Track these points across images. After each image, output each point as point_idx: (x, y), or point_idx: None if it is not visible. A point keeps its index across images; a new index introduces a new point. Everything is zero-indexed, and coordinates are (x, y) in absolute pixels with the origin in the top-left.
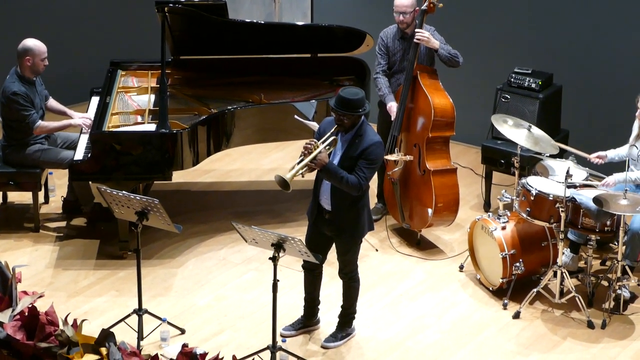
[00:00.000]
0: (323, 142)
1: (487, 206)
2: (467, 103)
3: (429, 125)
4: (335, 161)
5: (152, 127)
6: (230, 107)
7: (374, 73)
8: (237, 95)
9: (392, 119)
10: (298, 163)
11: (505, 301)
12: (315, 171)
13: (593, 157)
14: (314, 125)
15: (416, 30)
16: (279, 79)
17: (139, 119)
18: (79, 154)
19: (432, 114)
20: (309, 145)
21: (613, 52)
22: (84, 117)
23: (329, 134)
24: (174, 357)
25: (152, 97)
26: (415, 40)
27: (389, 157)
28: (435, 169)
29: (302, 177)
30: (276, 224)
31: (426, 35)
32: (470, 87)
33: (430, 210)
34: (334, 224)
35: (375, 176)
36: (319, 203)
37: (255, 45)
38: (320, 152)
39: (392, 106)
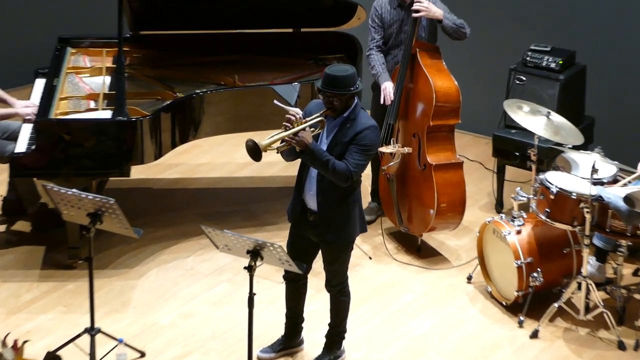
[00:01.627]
0: (309, 121)
1: (499, 206)
2: (475, 86)
3: (429, 111)
4: (324, 147)
5: (107, 114)
6: (198, 91)
7: (366, 50)
8: (206, 76)
9: (388, 102)
10: (278, 133)
11: (521, 318)
12: (298, 165)
13: None
14: (297, 112)
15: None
16: (256, 58)
17: (92, 104)
18: (21, 146)
19: (433, 99)
20: (292, 117)
21: None
22: (27, 106)
23: (316, 114)
24: None
25: (108, 79)
26: (413, 11)
27: (384, 149)
28: (438, 163)
29: (277, 152)
30: (252, 228)
31: (425, 5)
32: (479, 67)
33: (432, 212)
34: (320, 227)
35: (369, 171)
36: (303, 201)
37: (228, 19)
38: (304, 129)
39: (388, 87)
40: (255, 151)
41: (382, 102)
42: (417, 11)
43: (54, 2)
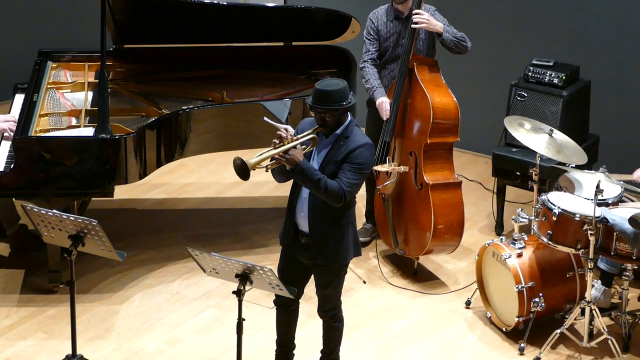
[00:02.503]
0: (300, 138)
1: (499, 228)
2: (474, 102)
3: (427, 129)
4: (315, 166)
5: (89, 131)
6: (185, 107)
7: (360, 62)
8: (194, 92)
9: (384, 118)
10: (267, 151)
11: (522, 345)
12: (290, 185)
13: (636, 176)
14: (288, 129)
15: (413, 12)
16: (245, 73)
17: (74, 121)
18: None
19: (431, 116)
20: (283, 134)
21: None
22: (6, 120)
23: (308, 131)
24: None
25: (90, 94)
26: (412, 24)
27: (379, 167)
28: (435, 183)
29: (266, 171)
30: (241, 250)
31: (425, 17)
32: (479, 83)
33: (429, 233)
34: (312, 250)
35: (363, 191)
36: (295, 224)
37: (216, 32)
38: (295, 146)
39: (383, 102)
40: (243, 170)
41: (383, 117)
42: (417, 23)
43: (33, 14)
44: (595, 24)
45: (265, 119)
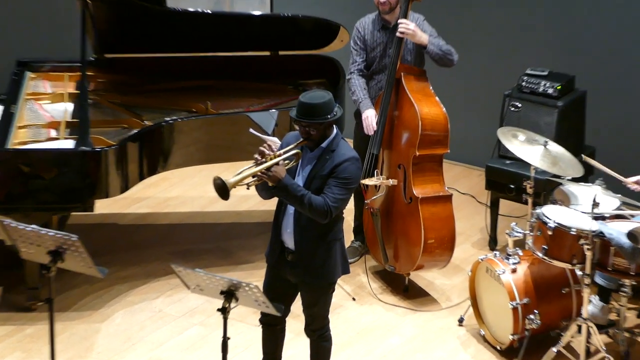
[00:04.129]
0: (283, 154)
1: (492, 243)
2: (466, 113)
3: (415, 140)
4: (300, 182)
5: (69, 143)
6: (168, 119)
7: (347, 73)
8: (177, 103)
9: (369, 133)
10: (248, 168)
11: None
12: (277, 201)
13: (631, 181)
14: (275, 141)
15: (399, 20)
16: (231, 84)
17: (53, 133)
18: None
19: (419, 127)
20: (266, 151)
21: None
22: None
23: (291, 146)
24: None
25: (70, 105)
26: (398, 33)
27: (367, 181)
28: (425, 196)
29: (248, 188)
30: (227, 266)
31: (411, 28)
32: (470, 93)
33: (419, 249)
34: (298, 267)
35: (352, 205)
36: (281, 241)
37: (200, 41)
38: (278, 163)
39: (370, 116)
40: (223, 189)
41: (367, 131)
42: (402, 33)
43: (11, 23)
44: (591, 32)
45: (251, 130)
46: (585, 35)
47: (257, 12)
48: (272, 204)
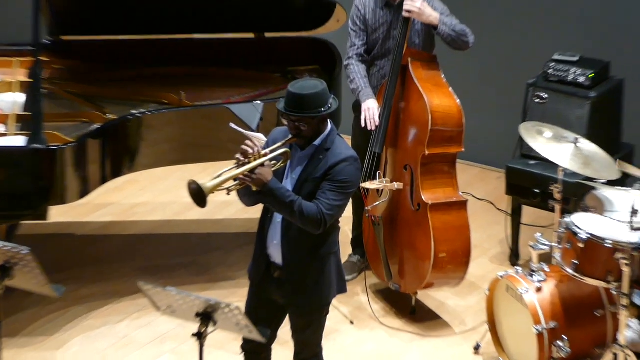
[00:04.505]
0: (269, 153)
1: (514, 257)
2: (483, 105)
3: (424, 137)
4: (289, 186)
5: (20, 140)
6: (135, 112)
7: (345, 58)
8: (146, 94)
9: (371, 127)
10: (228, 170)
11: None
12: (262, 208)
13: None
14: (260, 138)
15: None
16: (208, 71)
17: (1, 128)
18: None
19: (429, 121)
20: (249, 150)
21: None
22: None
23: (279, 144)
24: None
25: (21, 96)
26: (403, 12)
27: (368, 185)
28: (436, 202)
29: (228, 194)
30: (203, 284)
31: (417, 6)
32: (488, 82)
33: (428, 264)
34: (286, 286)
35: (350, 213)
36: (267, 255)
37: (172, 21)
38: (263, 164)
39: (371, 107)
40: (199, 195)
41: (368, 126)
42: (408, 12)
43: None
44: (629, 11)
45: (232, 125)
46: (621, 14)
47: None
48: (256, 211)
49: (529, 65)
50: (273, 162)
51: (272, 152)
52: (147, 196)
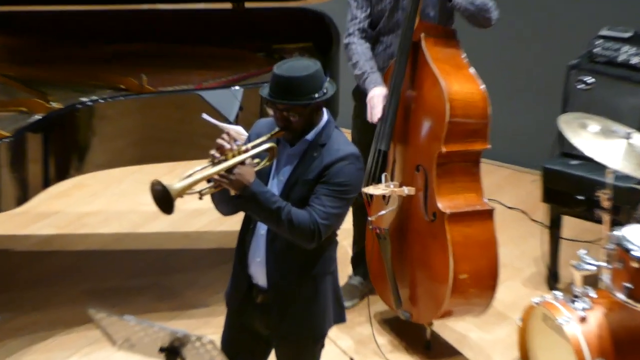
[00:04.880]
0: (251, 149)
1: (552, 279)
2: (512, 92)
3: (440, 131)
4: (275, 189)
5: None
6: (85, 100)
7: (345, 35)
8: (99, 77)
9: (377, 119)
10: (200, 170)
11: None
12: (242, 218)
13: None
14: (239, 132)
15: None
16: (176, 49)
17: None
18: None
19: (446, 111)
20: (226, 144)
21: None
22: None
23: (263, 138)
24: None
25: None
26: None
27: (372, 190)
28: (455, 211)
29: (200, 198)
30: (169, 312)
31: None
32: (519, 63)
33: (446, 287)
34: (272, 314)
35: (349, 224)
36: (248, 275)
37: None
38: (243, 162)
39: (377, 95)
40: (164, 199)
41: (369, 118)
42: None
43: None
44: None
45: (205, 116)
46: None
47: None
48: (235, 221)
49: (570, 43)
50: (256, 160)
51: (254, 147)
52: (99, 203)
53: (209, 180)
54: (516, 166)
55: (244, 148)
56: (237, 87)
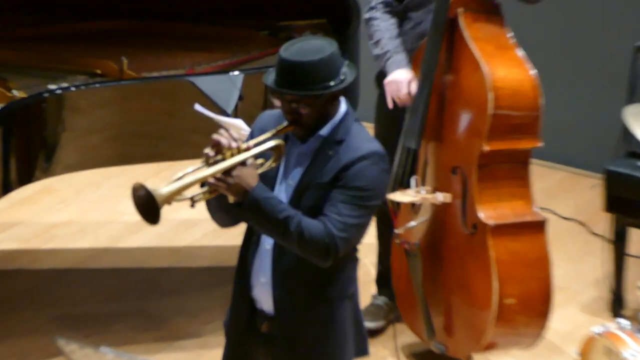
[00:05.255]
0: (254, 147)
1: (617, 305)
2: (568, 79)
3: (482, 126)
4: (282, 196)
5: None
6: (54, 87)
7: (365, 9)
8: (71, 60)
9: (391, 106)
10: (193, 171)
11: None
12: (244, 229)
13: None
14: (239, 127)
15: None
16: (162, 27)
17: None
18: None
19: (488, 102)
20: (224, 141)
21: None
22: None
23: (268, 134)
24: None
25: None
26: None
27: (399, 196)
28: (500, 223)
29: (193, 206)
30: (155, 343)
31: None
32: (576, 46)
33: (488, 314)
34: (280, 344)
35: (372, 237)
36: (250, 298)
37: None
38: (244, 162)
39: (403, 79)
40: (148, 206)
41: (392, 107)
42: None
43: None
44: None
45: (198, 107)
46: None
47: None
48: (235, 234)
49: (638, 19)
50: (259, 160)
51: (257, 145)
52: (70, 212)
53: (202, 184)
54: (573, 168)
55: (244, 146)
56: (236, 73)
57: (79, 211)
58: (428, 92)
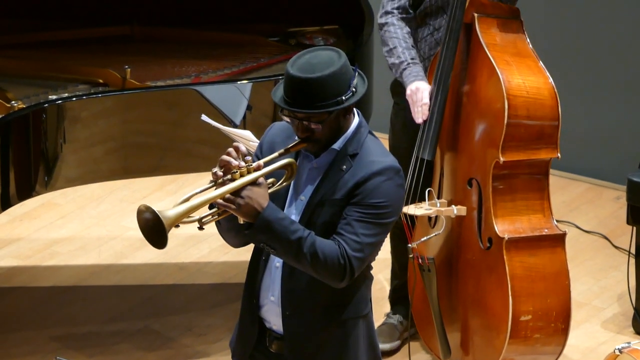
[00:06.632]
0: (264, 166)
1: None
2: (589, 86)
3: (498, 135)
4: (294, 212)
5: None
6: (54, 97)
7: (380, 14)
8: (72, 69)
9: (420, 120)
10: (201, 192)
11: None
12: (252, 249)
13: None
14: (248, 138)
15: None
16: (167, 34)
17: None
18: None
19: (504, 110)
20: (232, 160)
21: None
22: None
23: (279, 152)
24: None
25: None
26: None
27: (413, 210)
28: (516, 237)
29: (201, 228)
30: None
31: None
32: (596, 50)
33: (505, 331)
34: None
35: (387, 253)
36: (259, 317)
37: None
38: (255, 181)
39: (419, 91)
40: (155, 229)
41: (416, 117)
42: None
43: None
44: None
45: (204, 118)
46: None
47: None
48: (241, 250)
49: None
50: (270, 179)
51: (268, 164)
52: (72, 227)
53: (211, 206)
54: (595, 179)
55: (255, 165)
56: (244, 81)
57: (81, 227)
58: (443, 100)
